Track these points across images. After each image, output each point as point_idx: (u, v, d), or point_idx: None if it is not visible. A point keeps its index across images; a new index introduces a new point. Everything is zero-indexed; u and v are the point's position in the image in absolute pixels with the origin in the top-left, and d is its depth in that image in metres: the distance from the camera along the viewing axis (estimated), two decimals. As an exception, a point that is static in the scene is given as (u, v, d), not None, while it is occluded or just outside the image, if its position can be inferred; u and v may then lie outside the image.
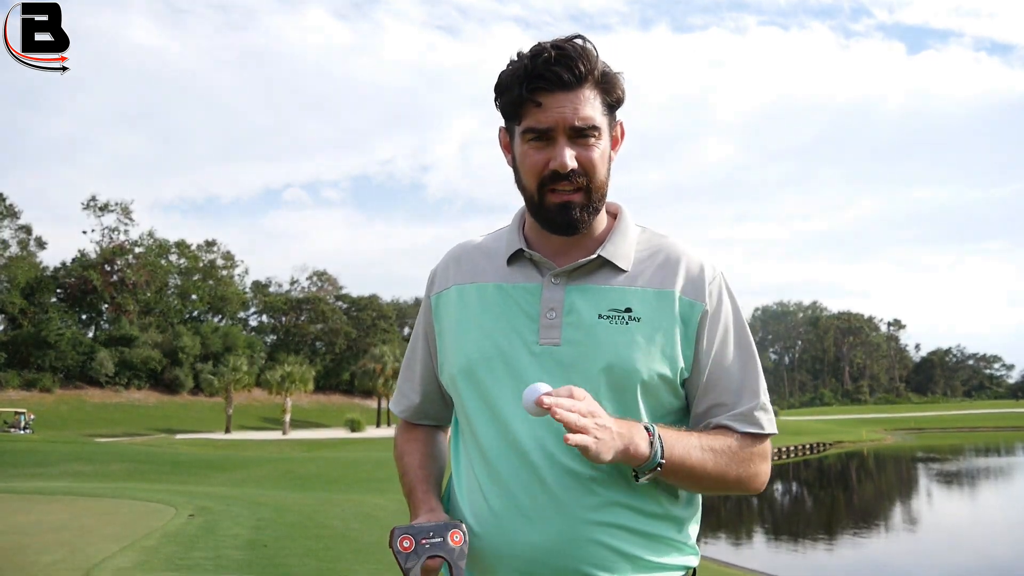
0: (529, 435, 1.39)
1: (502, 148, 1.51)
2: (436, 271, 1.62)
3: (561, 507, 1.36)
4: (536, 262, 1.48)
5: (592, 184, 1.41)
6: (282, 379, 54.57)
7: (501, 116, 1.47)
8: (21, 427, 41.05)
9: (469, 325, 1.49)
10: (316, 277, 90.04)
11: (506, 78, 1.41)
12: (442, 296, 1.57)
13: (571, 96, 1.37)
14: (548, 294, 1.44)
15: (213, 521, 8.84)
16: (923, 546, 16.64)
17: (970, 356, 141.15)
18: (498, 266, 1.51)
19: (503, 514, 1.39)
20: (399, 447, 1.65)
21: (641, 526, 1.39)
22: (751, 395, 1.46)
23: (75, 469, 19.59)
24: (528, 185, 1.43)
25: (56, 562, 6.22)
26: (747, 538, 17.63)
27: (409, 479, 1.56)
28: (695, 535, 1.50)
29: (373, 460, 24.67)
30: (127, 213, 74.19)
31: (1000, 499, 25.18)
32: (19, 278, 64.51)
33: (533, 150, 1.40)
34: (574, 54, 1.36)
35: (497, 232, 1.59)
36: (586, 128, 1.38)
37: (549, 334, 1.42)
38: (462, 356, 1.48)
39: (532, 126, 1.38)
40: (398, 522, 1.37)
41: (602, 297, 1.43)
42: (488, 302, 1.49)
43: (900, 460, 41.24)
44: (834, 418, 75.78)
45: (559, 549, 1.35)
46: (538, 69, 1.36)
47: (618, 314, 1.41)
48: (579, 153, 1.39)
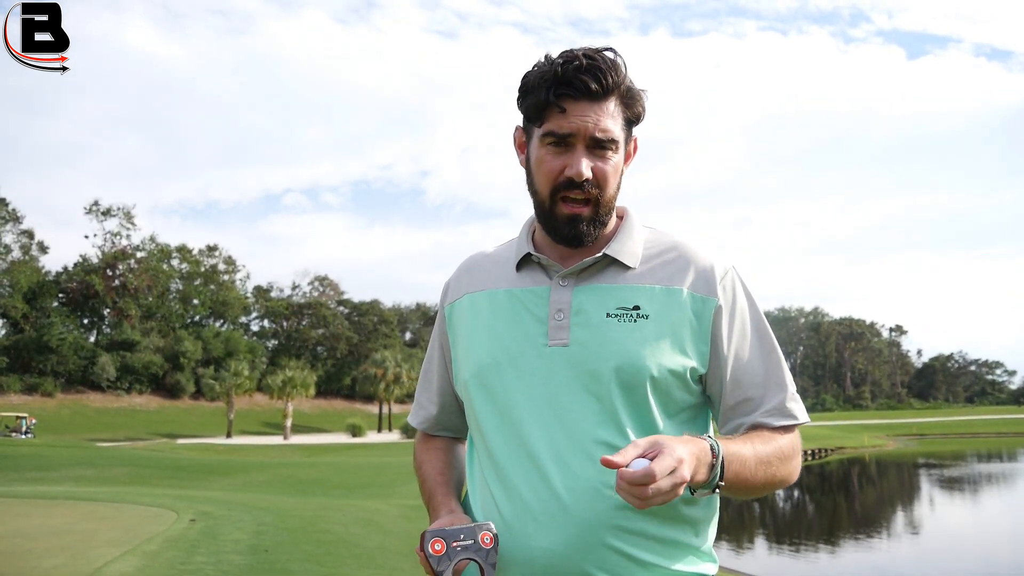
0: (539, 439, 1.38)
1: (516, 147, 1.52)
2: (449, 282, 1.63)
3: (572, 512, 1.34)
4: (544, 265, 1.48)
5: (602, 198, 1.42)
6: (283, 384, 54.57)
7: (522, 115, 1.47)
8: (22, 431, 41.05)
9: (480, 332, 1.50)
10: (317, 282, 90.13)
11: (533, 79, 1.41)
12: (455, 306, 1.58)
13: (595, 107, 1.38)
14: (556, 296, 1.45)
15: (214, 526, 8.83)
16: (925, 552, 16.59)
17: (972, 362, 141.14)
18: (508, 272, 1.52)
19: (514, 519, 1.38)
20: (418, 457, 1.65)
21: (656, 531, 1.37)
22: (778, 387, 1.46)
23: (76, 474, 19.57)
24: (541, 190, 1.43)
25: (57, 567, 6.22)
26: (749, 544, 17.58)
27: (429, 485, 1.56)
28: (712, 539, 1.48)
29: (374, 465, 24.66)
30: (129, 218, 74.35)
31: (1002, 505, 25.12)
32: (21, 282, 64.61)
33: (550, 155, 1.40)
34: (604, 66, 1.37)
35: (508, 242, 1.60)
36: (605, 140, 1.39)
37: (558, 335, 1.42)
38: (473, 362, 1.49)
39: (553, 130, 1.39)
40: (398, 528, 1.37)
41: (609, 296, 1.43)
42: (498, 308, 1.49)
43: (902, 466, 41.15)
44: (836, 424, 75.63)
45: (571, 555, 1.34)
46: (567, 75, 1.36)
47: (626, 312, 1.41)
48: (595, 164, 1.39)
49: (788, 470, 1.42)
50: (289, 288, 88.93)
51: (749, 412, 1.44)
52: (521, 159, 1.50)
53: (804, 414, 1.47)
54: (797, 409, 1.46)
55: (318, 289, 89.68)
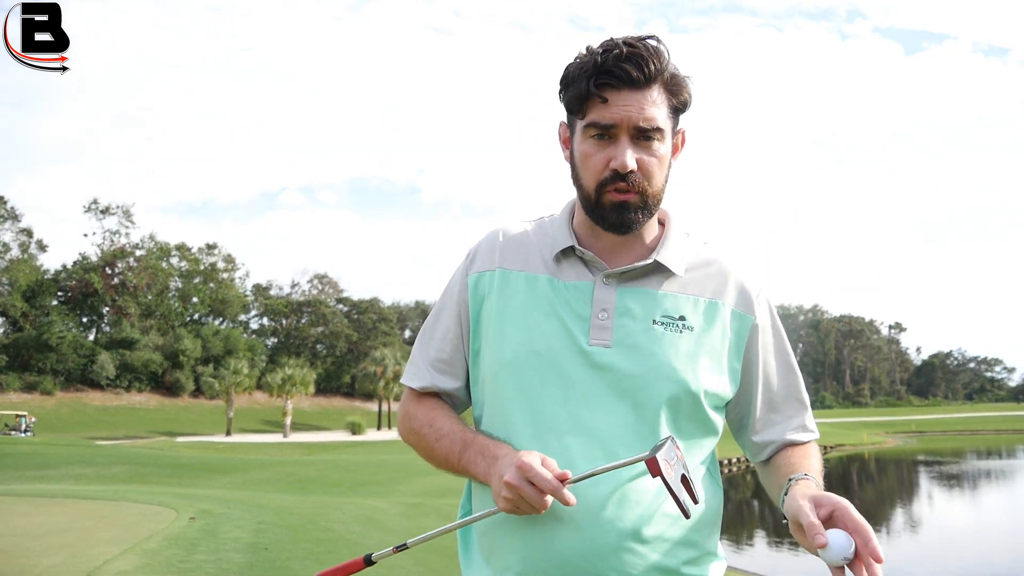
0: (570, 440, 1.36)
1: (561, 143, 1.49)
2: (478, 249, 1.54)
3: (593, 514, 1.33)
4: (587, 261, 1.45)
5: (649, 190, 1.39)
6: (283, 382, 54.53)
7: (564, 109, 1.44)
8: (22, 430, 41.00)
9: (516, 317, 1.43)
10: (317, 280, 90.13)
11: (573, 71, 1.38)
12: (484, 277, 1.49)
13: (638, 95, 1.35)
14: (600, 294, 1.41)
15: (214, 524, 8.83)
16: (924, 549, 16.61)
17: (971, 359, 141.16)
18: (547, 259, 1.47)
19: (537, 517, 1.33)
20: (418, 417, 1.52)
21: (672, 534, 1.36)
22: (800, 405, 1.52)
23: (76, 472, 19.55)
24: (586, 184, 1.41)
25: (57, 565, 6.22)
26: (748, 541, 17.60)
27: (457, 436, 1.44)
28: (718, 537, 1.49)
29: (374, 463, 24.65)
30: (128, 216, 74.30)
31: (1001, 502, 25.14)
32: (20, 281, 64.55)
33: (594, 148, 1.38)
34: (646, 53, 1.34)
35: (541, 221, 1.55)
36: (650, 129, 1.36)
37: (600, 335, 1.39)
38: (507, 350, 1.42)
39: (596, 120, 1.36)
40: (397, 526, 1.37)
41: (656, 303, 1.41)
42: (538, 296, 1.44)
43: (901, 463, 41.17)
44: (835, 421, 75.63)
45: (590, 556, 1.32)
46: (607, 65, 1.34)
47: (672, 321, 1.40)
48: (640, 156, 1.37)
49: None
50: (288, 286, 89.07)
51: (777, 429, 1.49)
52: (565, 154, 1.48)
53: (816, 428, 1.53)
54: (812, 424, 1.53)
55: (317, 287, 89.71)
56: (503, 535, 1.39)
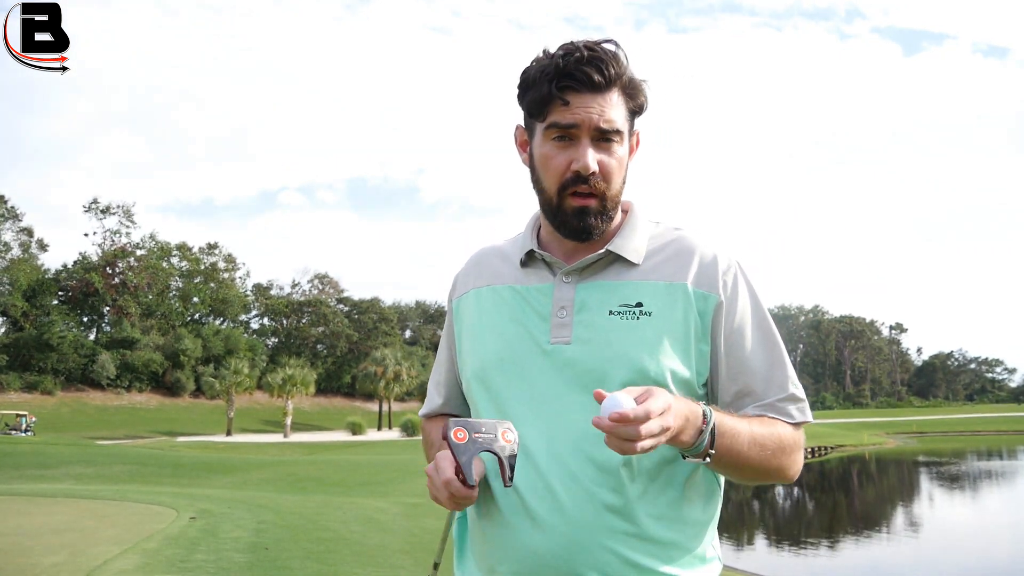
0: (537, 438, 1.37)
1: (518, 146, 1.50)
2: (458, 276, 1.62)
3: (568, 512, 1.33)
4: (548, 262, 1.47)
5: (608, 192, 1.40)
6: (283, 382, 54.52)
7: (523, 112, 1.45)
8: (22, 429, 41.00)
9: (484, 328, 1.50)
10: (317, 280, 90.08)
11: (533, 74, 1.39)
12: (462, 300, 1.58)
13: (599, 98, 1.36)
14: (559, 293, 1.44)
15: (214, 524, 8.84)
16: (925, 550, 16.60)
17: (972, 360, 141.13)
18: (513, 268, 1.52)
19: (510, 517, 1.37)
20: (431, 434, 1.65)
21: (653, 532, 1.35)
22: (778, 387, 1.42)
23: (76, 471, 19.57)
24: (548, 187, 1.41)
25: (57, 564, 6.22)
26: (748, 541, 17.59)
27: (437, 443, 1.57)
28: (712, 543, 1.45)
29: (374, 463, 24.65)
30: (129, 215, 74.24)
31: (1002, 503, 25.13)
32: (21, 280, 64.53)
33: (555, 150, 1.39)
34: (605, 57, 1.36)
35: (515, 236, 1.59)
36: (610, 131, 1.37)
37: (560, 332, 1.41)
38: (476, 360, 1.49)
39: (557, 122, 1.37)
40: (397, 526, 1.38)
41: (612, 293, 1.42)
42: (502, 304, 1.49)
43: (901, 464, 41.17)
44: (836, 422, 75.66)
45: (565, 555, 1.33)
46: (569, 67, 1.35)
47: (628, 309, 1.39)
48: (601, 158, 1.38)
49: (787, 462, 1.40)
50: (289, 286, 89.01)
51: (747, 406, 1.41)
52: (524, 157, 1.48)
53: (803, 414, 1.44)
54: (794, 409, 1.42)
55: (318, 287, 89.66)
56: (489, 535, 1.41)
